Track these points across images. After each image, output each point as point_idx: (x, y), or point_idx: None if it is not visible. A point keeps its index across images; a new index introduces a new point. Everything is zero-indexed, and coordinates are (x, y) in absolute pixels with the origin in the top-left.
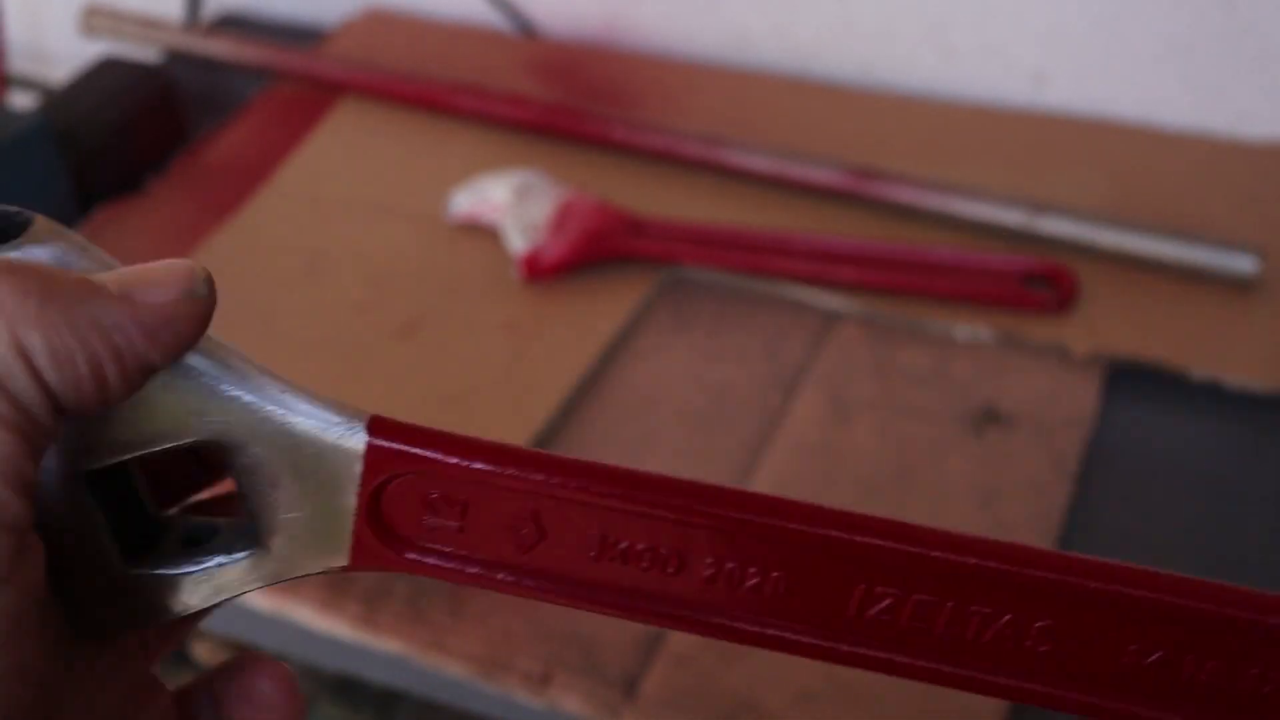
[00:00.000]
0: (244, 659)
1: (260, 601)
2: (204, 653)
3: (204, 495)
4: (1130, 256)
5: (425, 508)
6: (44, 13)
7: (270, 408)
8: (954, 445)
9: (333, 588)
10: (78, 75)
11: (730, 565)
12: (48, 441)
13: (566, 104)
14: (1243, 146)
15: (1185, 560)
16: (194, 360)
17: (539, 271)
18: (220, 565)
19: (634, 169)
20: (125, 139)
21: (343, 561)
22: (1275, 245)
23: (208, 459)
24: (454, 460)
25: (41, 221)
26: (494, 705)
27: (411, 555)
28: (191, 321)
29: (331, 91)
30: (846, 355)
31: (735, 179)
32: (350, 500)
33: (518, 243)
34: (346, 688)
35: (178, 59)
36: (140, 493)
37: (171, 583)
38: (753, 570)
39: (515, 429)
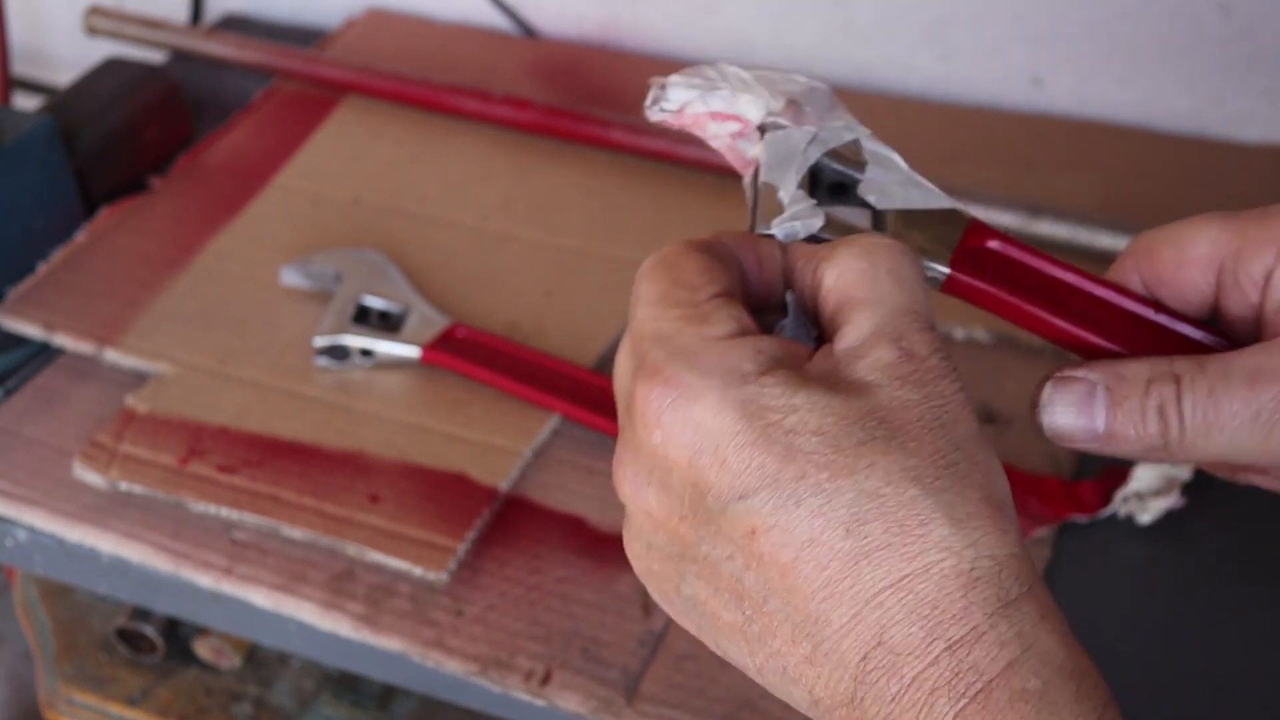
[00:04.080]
0: None
1: (262, 600)
2: (206, 651)
3: None
4: None
5: None
6: (47, 16)
7: None
8: None
9: (335, 588)
10: (82, 76)
11: None
12: None
13: (566, 105)
14: (1238, 149)
15: (1180, 559)
16: None
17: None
18: None
19: (632, 170)
20: (129, 139)
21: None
22: None
23: None
24: None
25: None
26: (494, 704)
27: None
28: None
29: (333, 92)
30: None
31: (734, 180)
32: None
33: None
34: (348, 685)
35: (181, 60)
36: None
37: None
38: None
39: (518, 431)
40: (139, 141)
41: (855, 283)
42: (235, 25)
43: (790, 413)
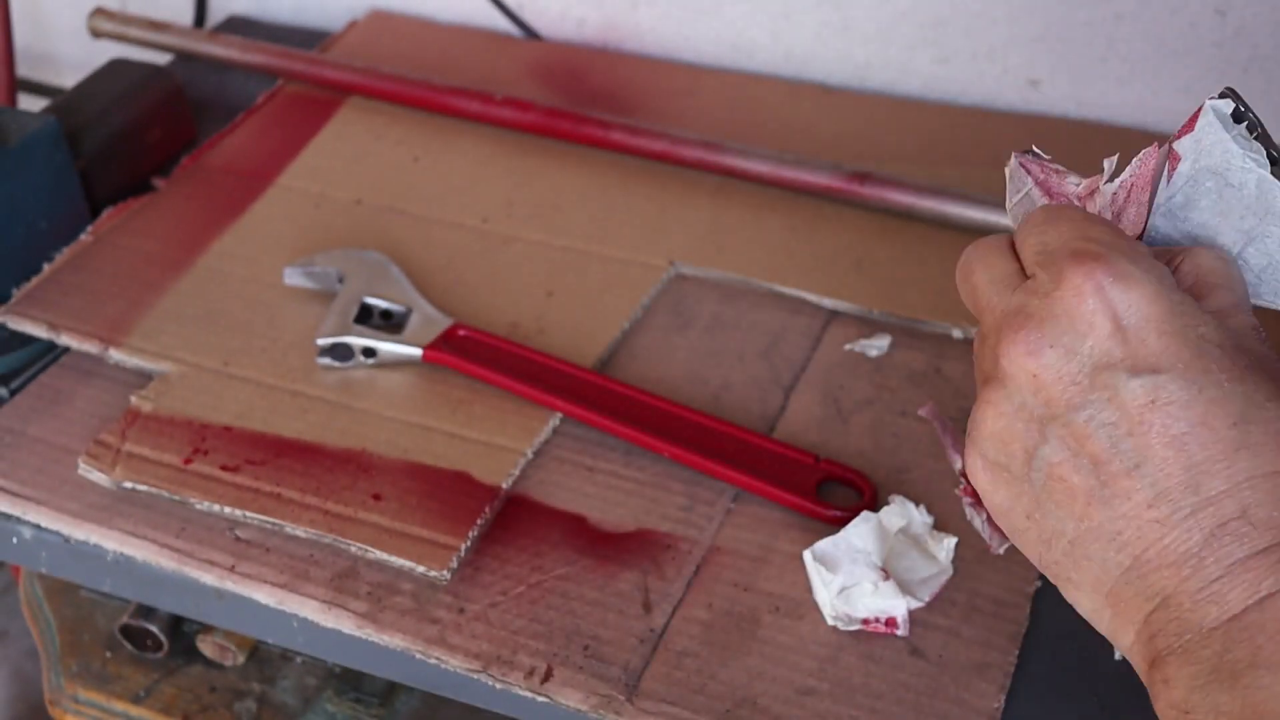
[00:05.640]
0: None
1: (266, 597)
2: (210, 649)
3: None
4: None
5: None
6: (51, 19)
7: None
8: None
9: (338, 586)
10: (86, 78)
11: None
12: None
13: (567, 107)
14: None
15: None
16: None
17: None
18: None
19: (633, 171)
20: (133, 140)
21: None
22: None
23: None
24: None
25: None
26: (496, 700)
27: None
28: None
29: (336, 93)
30: (844, 355)
31: (734, 181)
32: None
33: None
34: (350, 682)
35: (185, 61)
36: None
37: None
38: None
39: (520, 430)
40: (143, 143)
41: (1214, 270)
42: (238, 27)
43: (1202, 324)
